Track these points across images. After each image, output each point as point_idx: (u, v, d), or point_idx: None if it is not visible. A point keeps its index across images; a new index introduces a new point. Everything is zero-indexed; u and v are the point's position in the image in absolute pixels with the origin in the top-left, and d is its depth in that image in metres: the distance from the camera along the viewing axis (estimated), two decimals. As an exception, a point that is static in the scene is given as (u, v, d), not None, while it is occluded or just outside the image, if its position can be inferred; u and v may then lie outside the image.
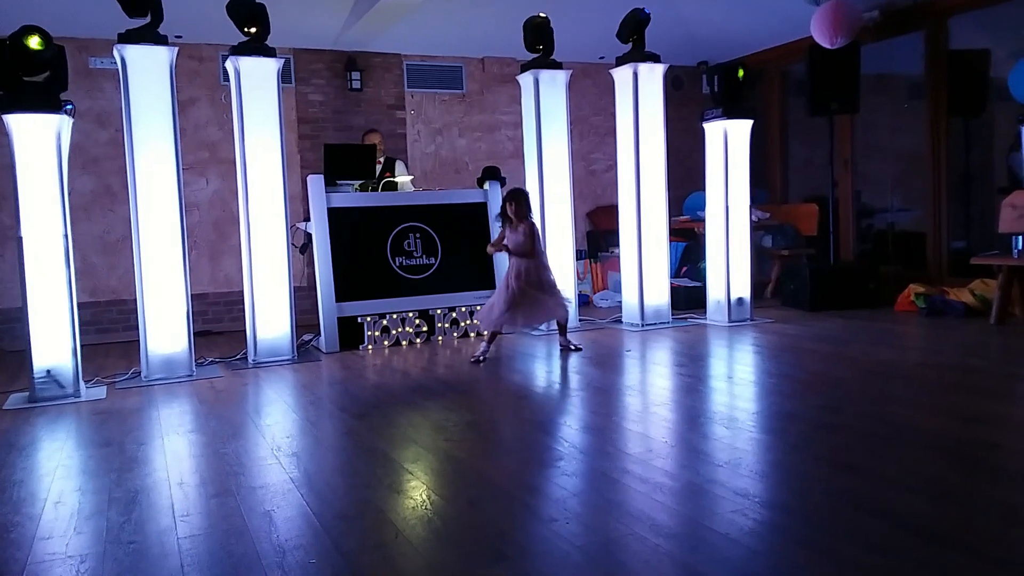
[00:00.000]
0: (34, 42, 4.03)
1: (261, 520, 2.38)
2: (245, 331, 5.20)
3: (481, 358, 4.89)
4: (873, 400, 3.61)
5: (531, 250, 4.98)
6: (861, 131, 7.36)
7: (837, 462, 2.74)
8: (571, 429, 3.34)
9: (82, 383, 4.37)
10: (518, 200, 5.00)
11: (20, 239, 4.18)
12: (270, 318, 5.14)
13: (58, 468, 3.02)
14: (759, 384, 4.11)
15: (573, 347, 5.12)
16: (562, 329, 5.20)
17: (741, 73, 6.00)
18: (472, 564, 2.05)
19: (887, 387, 3.89)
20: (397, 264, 5.77)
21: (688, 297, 6.80)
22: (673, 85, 8.17)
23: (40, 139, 4.19)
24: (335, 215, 5.61)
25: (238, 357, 5.27)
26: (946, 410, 3.45)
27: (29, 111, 4.15)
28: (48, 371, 4.23)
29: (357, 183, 5.99)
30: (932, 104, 6.60)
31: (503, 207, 5.06)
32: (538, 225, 5.25)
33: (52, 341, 4.24)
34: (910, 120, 7.10)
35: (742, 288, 6.09)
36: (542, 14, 5.90)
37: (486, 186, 6.22)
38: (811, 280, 6.47)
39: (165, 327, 4.70)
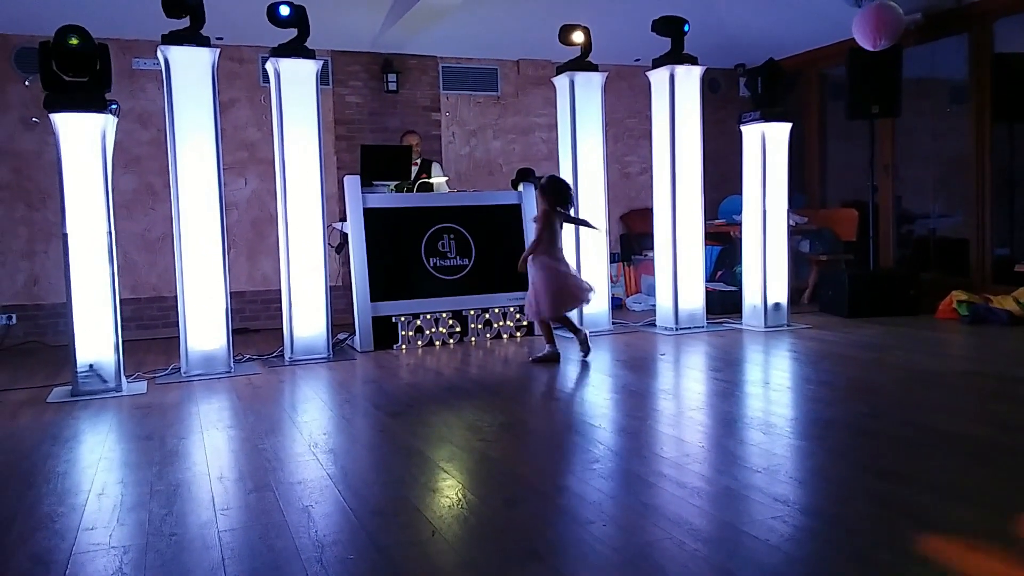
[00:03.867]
0: (72, 38, 4.12)
1: (299, 515, 2.40)
2: (282, 329, 5.26)
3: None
4: (914, 408, 3.55)
5: None
6: (902, 135, 7.24)
7: (877, 470, 2.70)
8: (605, 432, 3.32)
9: (123, 378, 4.45)
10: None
11: (65, 236, 4.27)
12: (306, 317, 5.19)
13: (101, 460, 3.08)
14: (796, 390, 4.06)
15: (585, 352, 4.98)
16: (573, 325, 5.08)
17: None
18: (508, 563, 2.05)
19: (928, 395, 3.82)
20: (431, 265, 5.79)
21: (723, 301, 6.74)
22: (709, 87, 8.11)
23: (86, 138, 4.28)
24: (371, 215, 5.65)
25: (275, 355, 5.33)
26: (989, 419, 3.37)
27: (75, 110, 4.23)
28: (91, 365, 4.31)
29: (393, 184, 6.03)
30: (976, 108, 6.48)
31: (558, 197, 4.87)
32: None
33: (95, 336, 4.32)
34: (953, 124, 6.98)
35: (779, 293, 6.02)
36: (579, 33, 5.89)
37: (520, 188, 6.23)
38: (849, 286, 6.37)
39: (204, 324, 4.77)
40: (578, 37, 5.91)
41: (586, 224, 5.34)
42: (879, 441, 3.06)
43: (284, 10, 4.98)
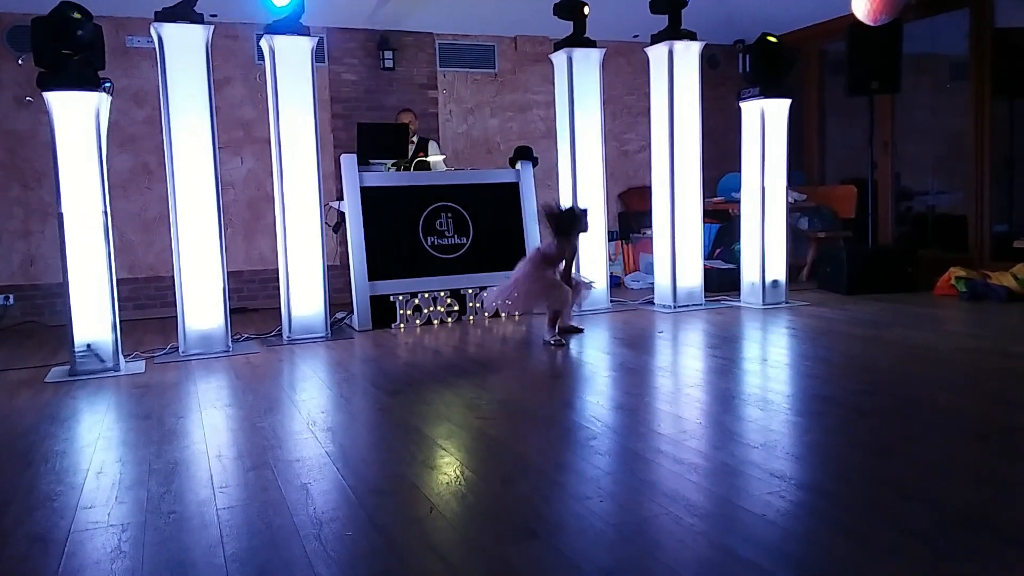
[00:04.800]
0: (73, 13, 4.08)
1: (298, 493, 2.41)
2: (279, 308, 5.25)
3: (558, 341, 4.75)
4: (912, 384, 3.56)
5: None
6: (902, 112, 7.21)
7: (875, 446, 2.70)
8: (603, 409, 3.33)
9: (121, 357, 4.45)
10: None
11: (60, 215, 4.25)
12: (304, 296, 5.19)
13: (99, 439, 3.08)
14: (794, 367, 4.06)
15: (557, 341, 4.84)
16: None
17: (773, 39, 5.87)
18: (506, 540, 2.06)
19: (926, 371, 3.82)
20: (429, 243, 5.78)
21: (721, 279, 6.74)
22: (709, 64, 8.05)
23: (79, 116, 4.24)
24: (368, 194, 5.63)
25: (273, 334, 5.33)
26: (987, 395, 3.38)
27: (69, 88, 4.19)
28: (88, 345, 4.31)
29: (390, 162, 6.00)
30: (976, 84, 6.44)
31: (576, 224, 4.77)
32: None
33: (92, 316, 4.31)
34: (952, 101, 6.94)
35: (777, 270, 6.01)
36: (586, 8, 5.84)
37: (518, 166, 6.20)
38: (848, 263, 6.37)
39: (202, 303, 4.77)
40: (587, 10, 5.85)
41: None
42: (876, 417, 3.07)
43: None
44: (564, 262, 4.87)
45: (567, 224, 4.73)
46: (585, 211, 4.93)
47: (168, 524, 2.21)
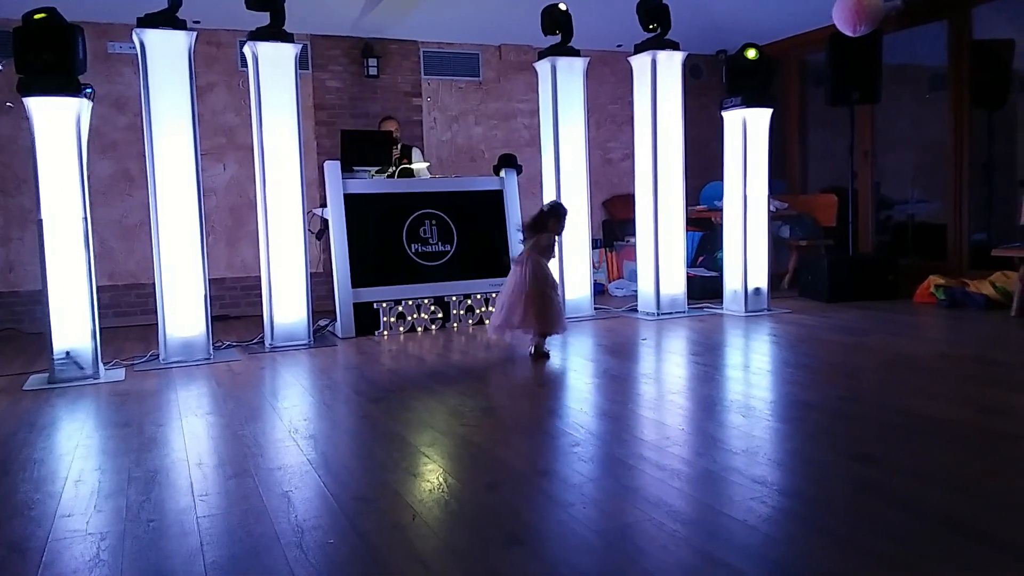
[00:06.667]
0: (36, 16, 4.07)
1: (279, 500, 2.39)
2: (262, 316, 5.23)
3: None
4: (892, 391, 3.59)
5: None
6: (882, 121, 7.29)
7: (855, 452, 2.72)
8: (587, 416, 3.33)
9: (101, 365, 4.40)
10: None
11: (40, 222, 4.20)
12: (287, 303, 5.16)
13: (78, 448, 3.05)
14: (776, 373, 4.08)
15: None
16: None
17: (754, 54, 5.90)
18: (490, 547, 2.05)
19: (906, 378, 3.86)
20: (413, 251, 5.77)
21: (704, 287, 6.77)
22: (692, 74, 8.11)
23: (60, 122, 4.20)
24: (351, 201, 5.62)
25: (255, 341, 5.30)
26: (966, 401, 3.42)
27: (49, 94, 4.16)
28: (68, 353, 4.26)
29: (374, 169, 6.00)
30: (954, 95, 6.52)
31: (548, 220, 4.61)
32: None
33: (72, 323, 4.27)
34: (932, 111, 7.03)
35: (759, 278, 6.05)
36: (562, 6, 5.86)
37: (502, 174, 6.21)
38: (829, 271, 6.42)
39: (183, 311, 4.73)
40: (563, 6, 5.86)
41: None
42: (857, 423, 3.09)
43: None
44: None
45: (546, 217, 4.62)
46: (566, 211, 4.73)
47: (148, 533, 2.19)
